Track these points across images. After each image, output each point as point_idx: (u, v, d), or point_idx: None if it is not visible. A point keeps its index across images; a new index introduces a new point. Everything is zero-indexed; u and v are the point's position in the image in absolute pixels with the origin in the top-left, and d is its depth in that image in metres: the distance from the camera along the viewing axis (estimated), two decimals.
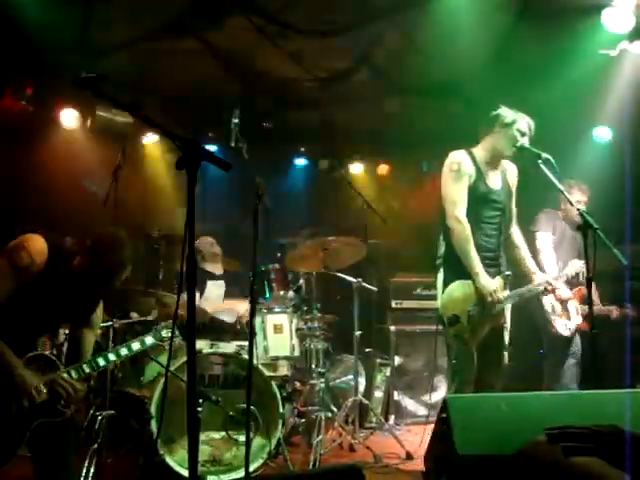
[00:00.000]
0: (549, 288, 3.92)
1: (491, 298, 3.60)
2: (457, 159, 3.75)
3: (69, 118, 6.06)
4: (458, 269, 3.67)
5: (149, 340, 3.12)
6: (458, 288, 3.69)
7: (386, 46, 5.30)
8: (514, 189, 3.90)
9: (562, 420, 1.94)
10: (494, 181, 3.80)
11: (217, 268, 5.31)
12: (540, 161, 3.65)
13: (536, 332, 4.97)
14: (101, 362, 2.90)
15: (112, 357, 2.97)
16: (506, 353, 3.81)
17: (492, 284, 3.62)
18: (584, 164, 5.52)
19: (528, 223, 4.72)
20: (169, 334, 3.09)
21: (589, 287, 3.33)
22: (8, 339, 2.65)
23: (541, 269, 4.36)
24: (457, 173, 3.71)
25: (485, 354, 3.73)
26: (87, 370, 2.85)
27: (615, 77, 5.02)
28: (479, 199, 3.72)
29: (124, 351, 3.03)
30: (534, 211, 4.95)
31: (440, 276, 3.80)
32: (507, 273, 3.74)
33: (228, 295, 5.19)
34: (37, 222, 3.27)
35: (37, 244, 2.73)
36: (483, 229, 3.72)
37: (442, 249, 3.80)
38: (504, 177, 3.86)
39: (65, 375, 2.76)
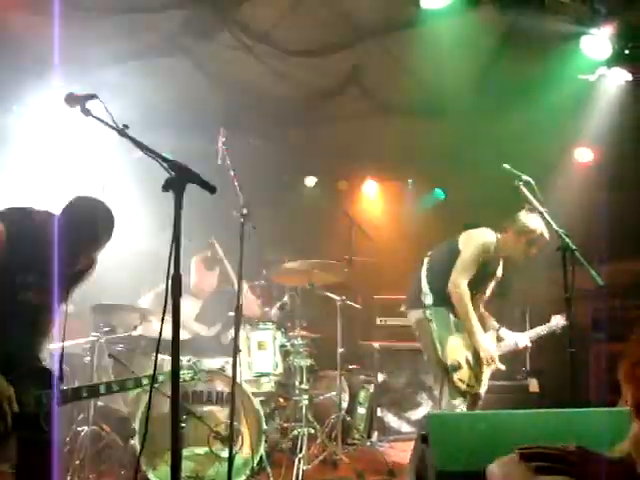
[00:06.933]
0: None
1: (489, 361, 3.94)
2: (489, 242, 4.09)
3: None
4: (446, 321, 3.98)
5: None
6: (455, 339, 3.96)
7: (372, 66, 5.38)
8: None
9: (541, 438, 1.98)
10: (500, 267, 4.23)
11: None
12: (521, 182, 3.74)
13: None
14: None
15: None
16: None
17: (494, 350, 3.97)
18: (564, 185, 5.62)
19: None
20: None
21: (568, 306, 3.41)
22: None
23: None
24: (482, 253, 4.04)
25: None
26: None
27: (594, 101, 5.15)
28: (485, 275, 4.12)
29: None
30: None
31: (433, 325, 3.98)
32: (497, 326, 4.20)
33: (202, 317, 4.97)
34: None
35: None
36: (480, 295, 4.19)
37: (429, 299, 4.02)
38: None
39: None
